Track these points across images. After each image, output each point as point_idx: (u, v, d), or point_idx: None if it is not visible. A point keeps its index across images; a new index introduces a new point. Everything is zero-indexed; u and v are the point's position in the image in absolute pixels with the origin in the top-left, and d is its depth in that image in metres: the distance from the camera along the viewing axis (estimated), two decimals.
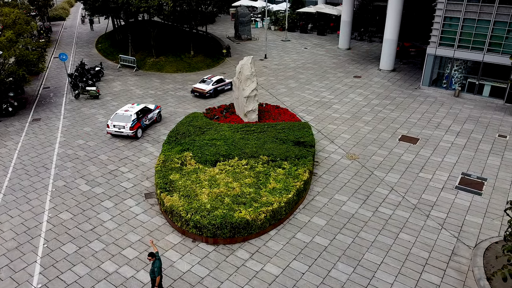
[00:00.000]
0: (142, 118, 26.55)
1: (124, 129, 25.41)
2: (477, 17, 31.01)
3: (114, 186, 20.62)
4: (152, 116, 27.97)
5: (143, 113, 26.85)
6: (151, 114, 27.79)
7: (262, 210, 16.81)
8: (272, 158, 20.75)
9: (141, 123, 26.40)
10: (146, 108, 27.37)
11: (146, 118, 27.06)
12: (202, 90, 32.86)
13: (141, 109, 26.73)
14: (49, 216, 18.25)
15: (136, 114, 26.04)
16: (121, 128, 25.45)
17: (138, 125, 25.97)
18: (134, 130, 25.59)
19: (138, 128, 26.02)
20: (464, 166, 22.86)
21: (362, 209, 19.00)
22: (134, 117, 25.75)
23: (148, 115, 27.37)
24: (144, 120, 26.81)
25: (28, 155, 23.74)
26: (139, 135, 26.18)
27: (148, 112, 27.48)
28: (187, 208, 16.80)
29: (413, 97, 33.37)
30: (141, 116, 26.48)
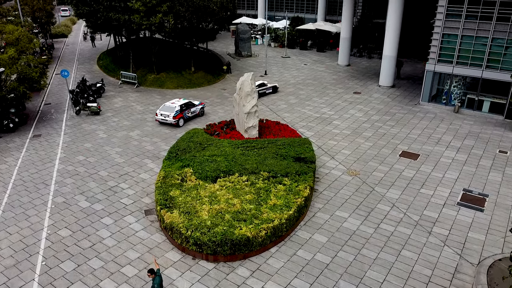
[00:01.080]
0: (185, 110, 30.91)
1: (168, 117, 29.89)
2: (475, 34, 31.37)
3: (114, 202, 20.50)
4: (195, 110, 32.04)
5: (187, 107, 31.20)
6: (194, 108, 31.89)
7: (263, 227, 16.68)
8: (273, 174, 20.69)
9: (184, 115, 30.81)
10: (190, 103, 31.73)
11: (189, 111, 31.30)
12: None
13: (185, 103, 31.15)
14: (48, 233, 18.09)
15: (180, 107, 30.52)
16: (166, 116, 29.98)
17: (180, 115, 30.39)
18: (176, 119, 29.98)
19: (180, 118, 30.41)
20: (465, 182, 22.77)
21: (363, 226, 18.85)
22: (178, 108, 30.21)
23: (191, 109, 31.56)
24: (187, 113, 31.12)
25: (28, 171, 23.68)
26: (180, 124, 30.49)
27: (192, 106, 31.70)
28: (187, 225, 16.66)
29: (413, 113, 33.47)
30: (184, 108, 30.87)
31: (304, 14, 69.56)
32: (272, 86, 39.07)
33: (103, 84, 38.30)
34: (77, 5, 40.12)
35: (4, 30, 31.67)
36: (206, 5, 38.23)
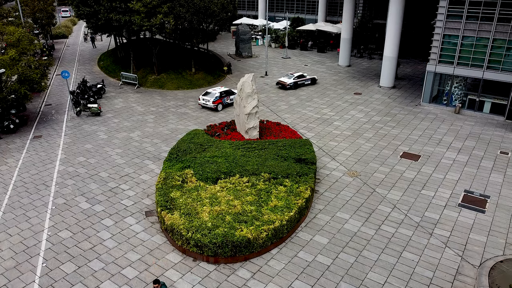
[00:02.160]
0: (224, 97, 34.49)
1: (208, 102, 33.86)
2: (476, 34, 31.32)
3: (114, 204, 20.47)
4: (234, 97, 33.00)
5: (226, 94, 34.73)
6: (233, 96, 35.01)
7: (264, 228, 16.64)
8: (274, 175, 20.66)
9: (223, 101, 34.43)
10: (230, 91, 35.25)
11: (228, 97, 34.78)
12: (284, 82, 40.05)
13: (225, 90, 34.81)
14: (48, 235, 18.06)
15: (220, 94, 34.23)
16: (207, 101, 33.99)
17: (219, 101, 34.14)
18: (215, 104, 33.79)
19: (219, 104, 34.10)
20: (467, 183, 22.72)
21: (364, 227, 18.80)
22: (218, 95, 34.03)
23: (230, 96, 34.94)
24: (226, 99, 34.63)
25: (29, 172, 23.66)
26: (219, 108, 34.25)
27: (231, 94, 35.10)
28: (187, 227, 16.63)
29: (414, 114, 33.43)
30: (224, 95, 34.48)
31: (305, 15, 69.57)
32: (311, 78, 41.74)
33: (103, 85, 38.28)
34: (78, 6, 40.11)
35: (5, 31, 31.68)
36: (207, 6, 38.22)
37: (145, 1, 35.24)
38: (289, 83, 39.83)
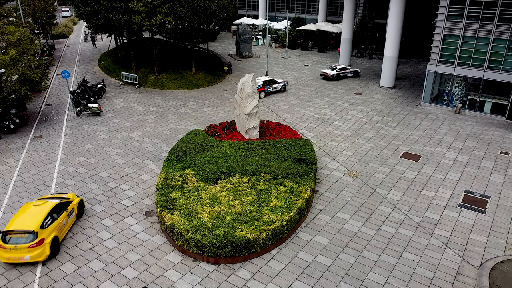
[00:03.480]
0: (267, 85, 37.50)
1: None
2: (477, 34, 31.28)
3: (114, 204, 20.45)
4: (277, 86, 38.44)
5: (270, 83, 37.81)
6: (276, 85, 38.36)
7: (264, 228, 16.63)
8: (274, 175, 20.64)
9: (266, 89, 37.46)
10: (273, 80, 38.23)
11: (271, 86, 37.82)
12: (327, 74, 42.76)
13: (268, 79, 37.80)
14: None
15: (263, 82, 37.24)
16: None
17: (262, 89, 37.10)
18: (258, 92, 36.19)
19: (262, 91, 37.05)
20: (467, 183, 22.69)
21: (364, 228, 18.78)
22: (261, 83, 37.03)
23: (273, 85, 38.06)
24: (268, 87, 37.67)
25: (29, 172, 23.65)
26: (261, 96, 37.09)
27: (274, 83, 38.21)
28: (187, 227, 16.61)
29: (414, 114, 33.39)
30: (267, 84, 37.52)
31: (305, 15, 69.57)
32: (354, 70, 43.97)
33: (103, 85, 38.28)
34: (78, 6, 40.11)
35: (6, 31, 31.68)
36: (207, 6, 38.21)
37: (146, 1, 35.22)
38: (332, 75, 42.45)
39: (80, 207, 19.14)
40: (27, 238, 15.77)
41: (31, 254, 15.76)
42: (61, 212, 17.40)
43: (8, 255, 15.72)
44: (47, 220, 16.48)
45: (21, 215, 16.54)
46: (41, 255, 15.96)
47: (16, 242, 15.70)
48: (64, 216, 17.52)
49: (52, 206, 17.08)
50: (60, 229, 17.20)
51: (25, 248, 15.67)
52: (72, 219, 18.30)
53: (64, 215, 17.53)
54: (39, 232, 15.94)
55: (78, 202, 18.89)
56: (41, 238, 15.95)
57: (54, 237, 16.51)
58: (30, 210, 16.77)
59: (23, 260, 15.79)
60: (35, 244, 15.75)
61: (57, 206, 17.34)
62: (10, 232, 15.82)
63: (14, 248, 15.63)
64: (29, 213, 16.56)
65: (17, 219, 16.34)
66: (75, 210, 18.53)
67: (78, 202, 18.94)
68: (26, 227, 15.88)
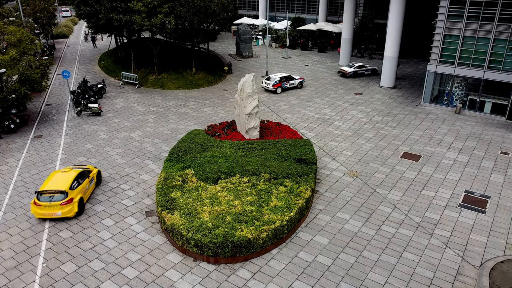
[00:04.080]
0: (284, 81, 38.90)
1: (269, 85, 38.60)
2: (477, 35, 31.30)
3: (115, 203, 20.47)
4: (294, 82, 39.77)
5: (286, 79, 39.18)
6: (293, 81, 39.67)
7: (264, 228, 16.64)
8: (274, 175, 20.65)
9: (282, 85, 38.85)
10: (290, 76, 39.66)
11: (287, 82, 39.15)
12: (345, 71, 43.88)
13: (285, 76, 39.29)
14: (49, 235, 18.06)
15: (280, 78, 38.79)
16: (268, 85, 38.70)
17: (278, 85, 38.62)
18: (275, 87, 38.31)
19: (278, 87, 38.55)
20: (467, 183, 22.71)
21: (365, 228, 18.80)
22: (277, 79, 38.66)
23: (290, 81, 39.39)
24: (285, 83, 39.03)
25: (29, 172, 23.67)
26: (278, 91, 38.65)
27: (291, 79, 39.54)
28: (188, 227, 16.63)
29: (414, 114, 33.41)
30: (283, 80, 38.94)
31: (305, 15, 69.61)
32: (372, 68, 44.75)
33: (104, 85, 38.30)
34: (79, 6, 40.14)
35: (6, 31, 31.70)
36: (207, 6, 38.23)
37: (146, 1, 35.25)
38: (349, 72, 43.47)
39: (99, 177, 22.16)
40: (59, 197, 18.58)
41: (62, 211, 18.58)
42: (84, 179, 20.34)
43: (42, 212, 18.45)
44: (74, 183, 19.39)
45: (52, 179, 19.39)
46: (71, 211, 18.78)
47: (50, 200, 18.48)
48: (87, 182, 20.46)
49: (77, 173, 20.05)
50: (84, 192, 20.06)
51: (57, 205, 18.45)
52: (92, 186, 21.24)
53: (87, 181, 20.48)
54: (69, 192, 18.79)
55: (96, 172, 21.88)
56: (71, 197, 18.81)
57: (80, 197, 19.38)
58: (59, 175, 19.67)
59: (55, 216, 18.54)
60: (66, 202, 18.57)
61: (81, 173, 20.29)
62: (44, 192, 18.59)
63: (48, 205, 18.39)
64: (59, 178, 19.47)
65: (49, 182, 19.13)
66: (94, 178, 21.61)
67: (97, 172, 21.96)
68: (58, 187, 18.75)
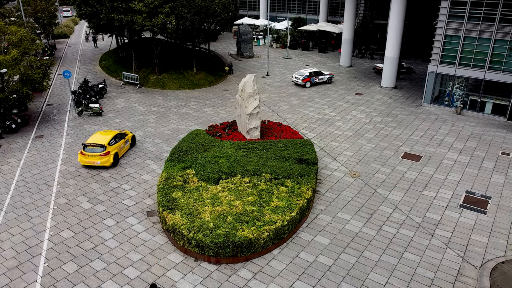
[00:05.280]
0: (313, 76, 40.47)
1: (298, 80, 40.12)
2: (478, 35, 31.32)
3: (116, 204, 20.50)
4: (323, 78, 41.15)
5: (316, 74, 40.72)
6: (322, 76, 41.10)
7: (265, 228, 16.67)
8: (275, 176, 20.68)
9: (311, 79, 40.37)
10: (320, 72, 41.22)
11: (316, 77, 40.65)
12: (380, 68, 45.22)
13: (314, 71, 40.73)
14: (50, 235, 18.09)
15: (309, 73, 40.31)
16: (297, 79, 40.27)
17: (308, 79, 40.13)
18: (304, 82, 39.95)
19: (307, 81, 40.11)
20: (468, 184, 22.72)
21: (366, 228, 18.82)
22: (307, 74, 40.17)
23: (319, 76, 40.84)
24: (314, 78, 40.52)
25: (31, 172, 23.71)
26: (307, 86, 40.18)
27: (320, 74, 41.01)
28: (189, 227, 16.66)
29: (415, 115, 33.42)
30: (313, 75, 40.49)
31: (306, 15, 69.64)
32: (408, 66, 46.36)
33: (105, 85, 38.34)
34: (80, 6, 40.18)
35: (7, 31, 31.76)
36: (208, 6, 38.27)
37: (147, 1, 35.30)
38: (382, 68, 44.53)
39: (133, 140, 26.96)
40: (99, 149, 23.39)
41: (101, 160, 23.39)
42: (120, 139, 25.07)
43: (86, 160, 23.37)
44: (112, 140, 24.11)
45: (95, 136, 24.36)
46: (107, 162, 23.57)
47: (92, 151, 23.38)
48: (122, 142, 25.18)
49: (115, 133, 24.82)
50: (120, 149, 24.84)
51: (97, 155, 23.31)
52: (127, 146, 25.98)
53: (122, 141, 25.19)
54: (107, 146, 23.52)
55: (131, 136, 26.69)
56: (108, 151, 23.56)
57: (115, 152, 24.18)
58: (100, 134, 24.55)
59: (95, 164, 23.39)
60: (104, 153, 23.36)
61: (118, 134, 25.04)
62: (88, 145, 23.52)
63: (91, 155, 23.29)
64: (100, 136, 24.34)
65: (92, 138, 24.07)
66: (129, 141, 26.32)
67: (132, 136, 26.76)
68: (99, 142, 23.57)
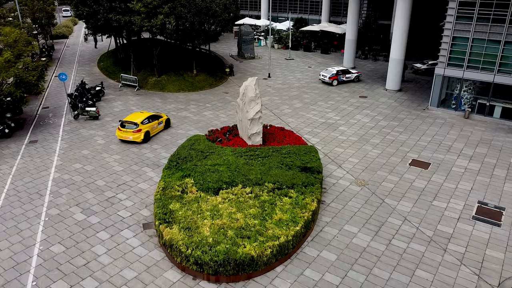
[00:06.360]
0: (340, 74, 40.62)
1: (325, 78, 40.48)
2: (487, 37, 30.25)
3: (110, 215, 19.49)
4: (350, 76, 41.31)
5: (343, 72, 40.85)
6: (349, 74, 41.15)
7: (268, 245, 15.65)
8: (278, 185, 19.66)
9: (338, 78, 40.59)
10: (347, 70, 41.21)
11: (344, 75, 40.75)
12: (418, 67, 45.60)
13: (342, 69, 40.92)
14: (40, 249, 17.08)
15: (336, 71, 40.39)
16: (324, 77, 40.67)
17: (335, 77, 40.36)
18: (331, 80, 40.27)
19: (334, 80, 40.32)
20: (480, 193, 21.68)
21: (374, 242, 17.79)
22: (334, 72, 40.46)
23: (346, 75, 40.90)
24: (341, 76, 40.67)
25: (22, 180, 22.69)
26: (334, 84, 40.47)
27: (347, 73, 41.02)
28: (187, 242, 15.64)
29: (422, 119, 32.38)
30: (340, 73, 40.65)
31: (308, 15, 68.58)
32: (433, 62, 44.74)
33: (102, 87, 37.35)
34: (77, 6, 39.18)
35: (1, 32, 30.75)
36: (209, 7, 37.24)
37: (146, 1, 34.29)
38: (422, 69, 45.30)
39: (167, 122, 29.92)
40: (132, 126, 26.84)
41: (133, 136, 26.80)
42: (154, 120, 28.18)
43: (122, 135, 27.01)
44: (145, 120, 27.40)
45: (132, 115, 28.01)
46: (138, 138, 26.88)
47: (127, 128, 26.85)
48: (155, 122, 28.31)
49: (150, 114, 28.15)
50: (152, 129, 27.99)
51: (130, 132, 26.78)
52: (160, 127, 29.08)
53: (155, 122, 28.32)
54: (139, 125, 26.89)
55: (166, 119, 29.71)
56: (140, 128, 26.88)
57: (147, 131, 27.39)
58: (136, 114, 28.18)
59: (128, 139, 26.93)
60: (136, 131, 26.77)
61: (152, 116, 28.21)
62: (124, 122, 27.10)
63: (125, 131, 26.86)
64: (136, 115, 27.96)
65: (129, 116, 27.74)
66: (163, 123, 29.38)
67: (166, 119, 29.76)
68: (133, 120, 27.09)
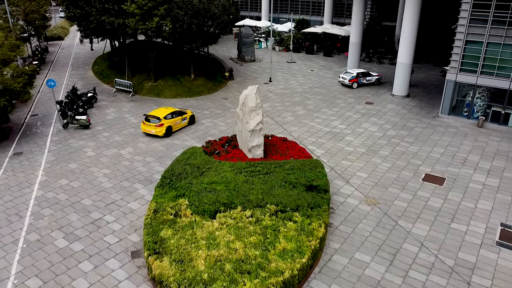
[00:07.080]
0: (360, 77, 39.76)
1: (345, 80, 39.76)
2: (503, 41, 28.38)
3: (96, 241, 17.61)
4: (371, 79, 40.33)
5: (363, 75, 40.05)
6: (370, 77, 40.33)
7: (271, 282, 13.79)
8: (281, 207, 17.80)
9: (358, 80, 39.63)
10: (368, 72, 40.55)
11: (364, 78, 39.91)
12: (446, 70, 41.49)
13: (362, 72, 40.27)
14: (14, 284, 15.20)
15: (357, 74, 39.83)
16: (344, 79, 39.86)
17: (355, 80, 39.51)
18: (351, 82, 39.34)
19: (354, 82, 39.52)
20: (502, 214, 19.81)
21: (389, 274, 15.92)
22: (354, 74, 39.66)
23: (367, 77, 40.10)
24: (362, 79, 39.78)
25: (2, 199, 20.79)
26: (354, 86, 39.49)
27: (368, 75, 40.32)
28: (179, 279, 13.78)
29: (433, 127, 30.49)
30: (360, 76, 39.82)
31: (310, 17, 66.74)
32: None
33: (95, 93, 35.49)
34: (68, 8, 37.34)
35: None
36: (207, 8, 35.36)
37: (140, 3, 32.44)
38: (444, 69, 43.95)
39: (192, 118, 30.52)
40: (156, 121, 27.71)
41: (155, 130, 27.67)
42: (177, 116, 28.97)
43: (146, 128, 28.02)
44: (168, 115, 28.17)
45: (156, 110, 28.86)
46: (160, 132, 27.70)
47: (150, 122, 27.79)
48: (178, 118, 29.06)
49: (173, 110, 29.04)
50: (174, 124, 28.71)
51: (153, 126, 27.67)
52: (184, 123, 29.72)
53: (179, 118, 29.08)
54: (162, 120, 27.71)
55: (190, 115, 30.33)
56: (162, 123, 27.68)
57: (169, 126, 28.14)
58: (161, 109, 29.04)
59: (151, 132, 27.84)
60: (158, 125, 27.57)
61: (176, 112, 29.05)
62: (148, 116, 28.11)
63: (149, 125, 27.83)
64: (160, 110, 28.78)
65: (154, 111, 28.65)
66: (187, 119, 29.97)
67: (190, 115, 30.39)
68: (156, 115, 28.05)
